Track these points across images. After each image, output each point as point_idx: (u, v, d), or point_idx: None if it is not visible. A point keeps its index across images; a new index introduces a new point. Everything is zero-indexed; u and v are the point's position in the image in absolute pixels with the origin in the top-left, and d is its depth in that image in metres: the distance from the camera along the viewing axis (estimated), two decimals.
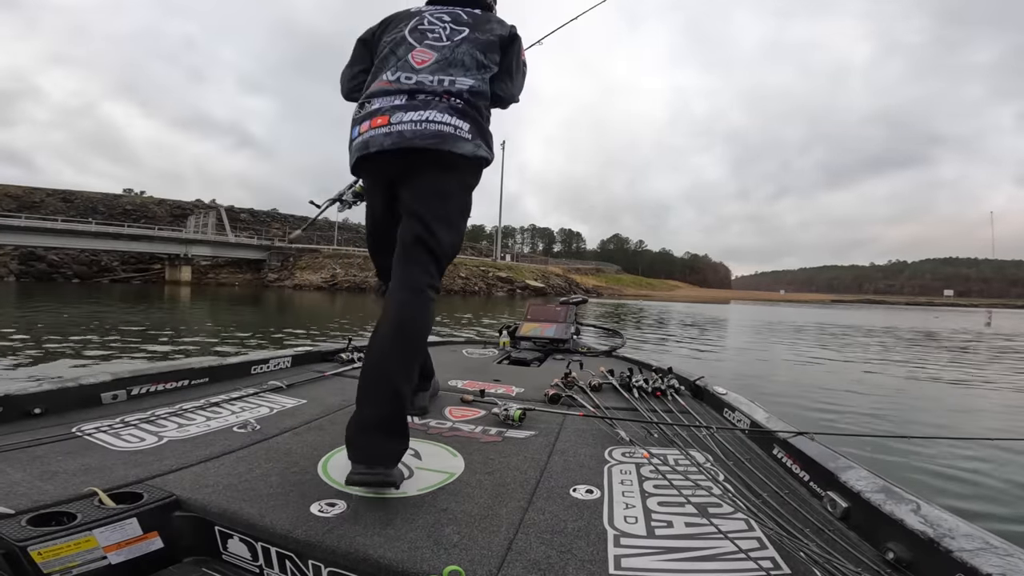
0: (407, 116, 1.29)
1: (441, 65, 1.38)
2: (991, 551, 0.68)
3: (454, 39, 1.45)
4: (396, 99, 1.33)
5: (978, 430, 3.59)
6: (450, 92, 1.34)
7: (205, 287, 34.49)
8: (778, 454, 1.27)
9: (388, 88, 1.35)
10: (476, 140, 1.34)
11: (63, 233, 33.63)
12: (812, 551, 0.78)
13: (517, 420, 1.50)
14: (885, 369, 6.57)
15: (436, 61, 1.39)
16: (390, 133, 1.28)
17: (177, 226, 43.57)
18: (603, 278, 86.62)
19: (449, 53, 1.41)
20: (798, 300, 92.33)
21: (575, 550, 0.82)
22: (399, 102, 1.32)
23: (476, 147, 1.34)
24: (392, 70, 1.40)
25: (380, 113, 1.32)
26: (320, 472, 1.10)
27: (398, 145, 1.27)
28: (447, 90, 1.34)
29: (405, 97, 1.33)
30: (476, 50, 1.44)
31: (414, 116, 1.29)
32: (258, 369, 2.07)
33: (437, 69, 1.37)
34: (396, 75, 1.38)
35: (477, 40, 1.46)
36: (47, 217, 35.81)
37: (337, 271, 41.68)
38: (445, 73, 1.37)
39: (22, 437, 1.18)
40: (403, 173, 1.33)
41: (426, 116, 1.29)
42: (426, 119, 1.29)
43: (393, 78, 1.37)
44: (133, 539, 0.83)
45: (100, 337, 6.53)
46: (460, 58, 1.41)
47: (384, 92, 1.35)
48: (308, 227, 2.80)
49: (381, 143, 1.28)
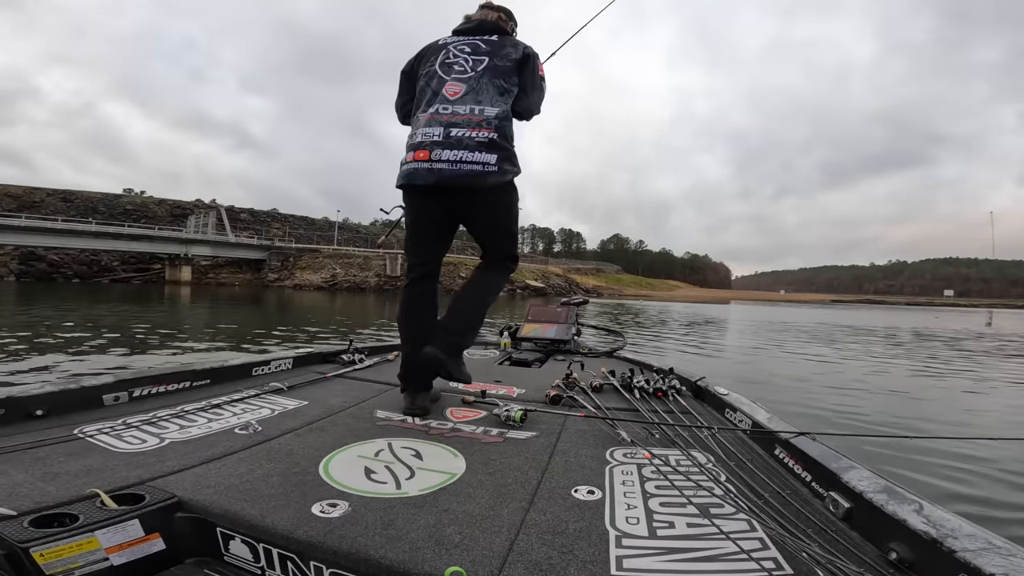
0: (444, 154, 1.57)
1: (471, 96, 1.65)
2: (994, 551, 0.68)
3: (477, 69, 1.69)
4: (435, 133, 1.60)
5: (980, 430, 3.58)
6: (480, 123, 1.61)
7: (205, 287, 34.51)
8: (780, 454, 1.26)
9: (429, 120, 1.63)
10: (503, 166, 1.61)
11: (63, 233, 33.65)
12: (814, 552, 0.78)
13: (518, 421, 1.50)
14: (886, 369, 6.56)
15: (466, 92, 1.65)
16: (432, 170, 1.58)
17: (177, 226, 43.61)
18: (603, 278, 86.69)
19: (475, 83, 1.67)
20: (798, 300, 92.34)
21: (577, 551, 0.82)
22: (438, 137, 1.59)
23: (502, 175, 1.61)
24: (431, 103, 1.67)
25: (423, 147, 1.60)
26: (321, 473, 1.10)
27: (439, 184, 1.58)
28: (478, 120, 1.61)
29: (442, 131, 1.60)
30: (498, 78, 1.69)
31: (450, 155, 1.57)
32: (259, 371, 2.07)
33: (468, 100, 1.64)
34: (435, 107, 1.65)
35: (497, 68, 1.70)
36: (47, 217, 35.84)
37: (337, 271, 41.72)
38: (475, 103, 1.64)
39: (24, 438, 1.18)
40: (450, 202, 1.67)
41: (460, 156, 1.57)
42: (460, 159, 1.57)
43: (432, 110, 1.65)
44: (135, 540, 0.83)
45: (100, 338, 6.53)
46: (485, 88, 1.66)
47: (426, 123, 1.63)
48: (389, 234, 2.93)
49: (425, 178, 1.59)
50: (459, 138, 1.58)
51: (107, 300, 15.44)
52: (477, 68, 1.69)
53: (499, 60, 1.71)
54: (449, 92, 1.66)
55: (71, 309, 11.13)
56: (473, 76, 1.68)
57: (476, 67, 1.69)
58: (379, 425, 1.47)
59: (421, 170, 1.60)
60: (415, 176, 1.61)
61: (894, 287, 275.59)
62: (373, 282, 40.40)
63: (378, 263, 42.70)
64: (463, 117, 1.61)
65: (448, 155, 1.57)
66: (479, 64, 1.70)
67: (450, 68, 1.71)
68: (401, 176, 1.67)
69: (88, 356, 5.06)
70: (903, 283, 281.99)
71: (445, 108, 1.63)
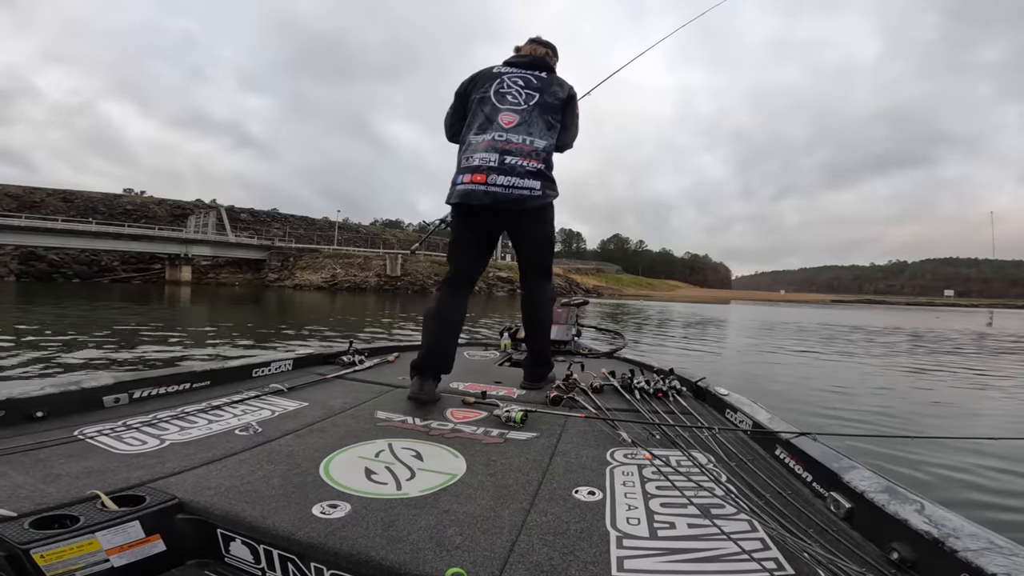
0: (499, 180, 1.78)
1: (523, 127, 1.86)
2: (996, 551, 0.68)
3: (529, 103, 1.90)
4: (492, 159, 1.80)
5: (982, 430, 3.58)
6: (531, 152, 1.84)
7: (205, 287, 34.52)
8: (781, 455, 1.26)
9: (487, 146, 1.83)
10: (545, 191, 1.86)
11: (63, 233, 33.66)
12: (816, 552, 0.77)
13: (519, 422, 1.49)
14: (887, 369, 6.56)
15: (519, 123, 1.86)
16: (487, 193, 1.78)
17: (177, 226, 43.61)
18: (603, 278, 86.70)
19: (527, 116, 1.87)
20: (798, 300, 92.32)
21: (578, 552, 0.82)
22: (493, 163, 1.80)
23: (545, 198, 1.87)
24: (486, 128, 1.87)
25: (479, 171, 1.80)
26: (322, 474, 1.09)
27: (492, 205, 1.80)
28: (529, 151, 1.84)
29: (497, 157, 1.80)
30: (546, 114, 1.91)
31: (504, 181, 1.78)
32: (259, 372, 2.06)
33: (520, 130, 1.85)
34: (491, 134, 1.84)
35: (546, 104, 1.92)
36: (47, 217, 35.87)
37: (337, 271, 41.72)
38: (526, 134, 1.85)
39: (24, 440, 1.18)
40: (500, 221, 1.93)
41: (512, 182, 1.79)
42: (512, 185, 1.79)
43: (488, 137, 1.84)
44: (135, 542, 0.83)
45: (100, 338, 6.54)
46: (535, 121, 1.88)
47: (484, 149, 1.82)
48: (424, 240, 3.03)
49: (481, 199, 1.80)
50: (512, 165, 1.80)
51: (107, 300, 15.45)
52: (529, 102, 1.90)
53: (548, 97, 1.93)
54: (504, 121, 1.86)
55: (71, 309, 11.14)
56: (525, 109, 1.88)
57: (528, 101, 1.90)
58: (379, 426, 1.47)
59: (478, 192, 1.79)
60: (472, 196, 1.81)
61: (894, 287, 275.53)
62: (373, 282, 40.42)
63: (378, 263, 42.73)
64: (516, 146, 1.82)
65: (502, 180, 1.79)
66: (531, 99, 1.90)
67: (504, 97, 1.90)
68: (456, 195, 1.85)
69: (87, 357, 5.07)
70: (903, 283, 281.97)
71: (500, 136, 1.83)
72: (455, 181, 1.88)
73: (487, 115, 1.89)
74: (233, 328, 8.71)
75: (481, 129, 1.87)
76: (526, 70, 1.98)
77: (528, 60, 2.01)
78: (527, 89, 1.92)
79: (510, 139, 1.83)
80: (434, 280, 41.03)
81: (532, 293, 2.07)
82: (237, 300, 19.47)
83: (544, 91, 1.93)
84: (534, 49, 2.04)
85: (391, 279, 40.80)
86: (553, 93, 1.94)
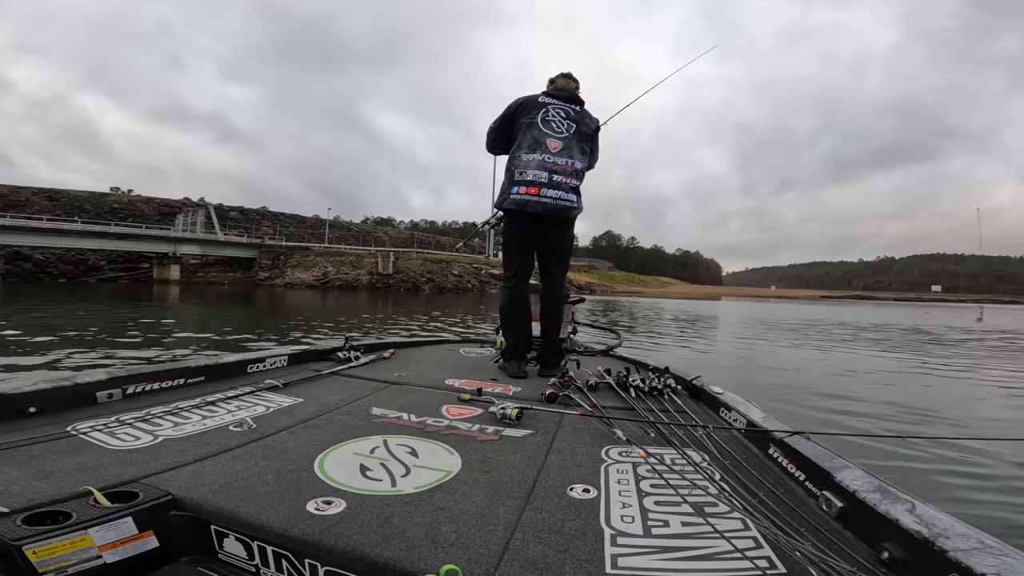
0: (549, 192, 2.26)
1: (565, 152, 2.31)
2: (986, 551, 0.68)
3: (569, 132, 2.34)
4: (542, 176, 2.25)
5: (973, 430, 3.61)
6: (571, 172, 2.31)
7: (194, 286, 34.14)
8: (774, 453, 1.27)
9: (539, 165, 2.26)
10: (579, 203, 2.37)
11: (49, 232, 33.18)
12: (808, 550, 0.78)
13: (514, 419, 1.49)
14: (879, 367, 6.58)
15: (562, 148, 2.31)
16: (539, 202, 2.25)
17: (165, 225, 43.11)
18: (595, 275, 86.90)
19: (568, 143, 2.33)
20: (788, 296, 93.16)
21: (572, 549, 0.82)
22: (544, 180, 2.25)
23: (579, 209, 2.39)
24: (536, 148, 2.29)
25: (533, 185, 2.25)
26: (316, 470, 1.09)
27: (544, 212, 2.27)
28: (570, 171, 2.31)
29: (547, 175, 2.26)
30: (582, 142, 2.37)
31: (552, 194, 2.26)
32: (254, 368, 2.05)
33: (563, 154, 2.31)
34: (542, 156, 2.27)
35: (582, 134, 2.37)
36: (33, 216, 35.32)
37: (329, 269, 41.44)
38: (568, 156, 2.31)
39: (17, 436, 1.17)
40: (544, 226, 2.35)
41: (559, 195, 2.27)
42: (559, 197, 2.27)
43: (540, 158, 2.27)
44: (128, 538, 0.83)
45: (87, 338, 6.44)
46: (574, 147, 2.34)
47: (536, 167, 2.26)
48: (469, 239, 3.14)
49: (535, 208, 2.25)
50: (558, 182, 2.27)
51: (94, 300, 15.24)
52: (569, 131, 2.34)
53: (583, 127, 2.38)
54: (551, 146, 2.29)
55: (57, 309, 10.97)
56: (567, 136, 2.33)
57: (569, 130, 2.34)
58: (375, 422, 1.46)
59: (532, 201, 2.25)
60: (527, 205, 2.25)
61: (882, 283, 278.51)
62: (365, 280, 40.17)
63: (370, 261, 42.49)
64: (561, 167, 2.28)
65: (551, 193, 2.26)
66: (571, 128, 2.35)
67: (549, 124, 2.33)
68: (513, 203, 2.28)
69: (75, 358, 4.99)
70: (891, 279, 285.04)
71: (549, 158, 2.27)
72: (510, 192, 2.29)
73: (536, 138, 2.29)
74: (224, 325, 8.63)
75: (531, 149, 2.29)
76: (565, 103, 2.40)
77: (566, 95, 2.43)
78: (568, 120, 2.35)
79: (556, 161, 2.28)
80: (427, 278, 40.95)
81: (553, 290, 2.51)
82: (227, 299, 19.28)
83: (580, 122, 2.37)
84: (568, 84, 2.46)
85: (383, 277, 40.59)
86: (587, 124, 2.40)
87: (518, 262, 2.44)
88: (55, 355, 5.00)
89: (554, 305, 2.51)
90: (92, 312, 10.63)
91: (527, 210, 2.25)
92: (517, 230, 2.39)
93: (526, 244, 2.42)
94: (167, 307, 14.17)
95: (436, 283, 40.49)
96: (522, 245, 2.42)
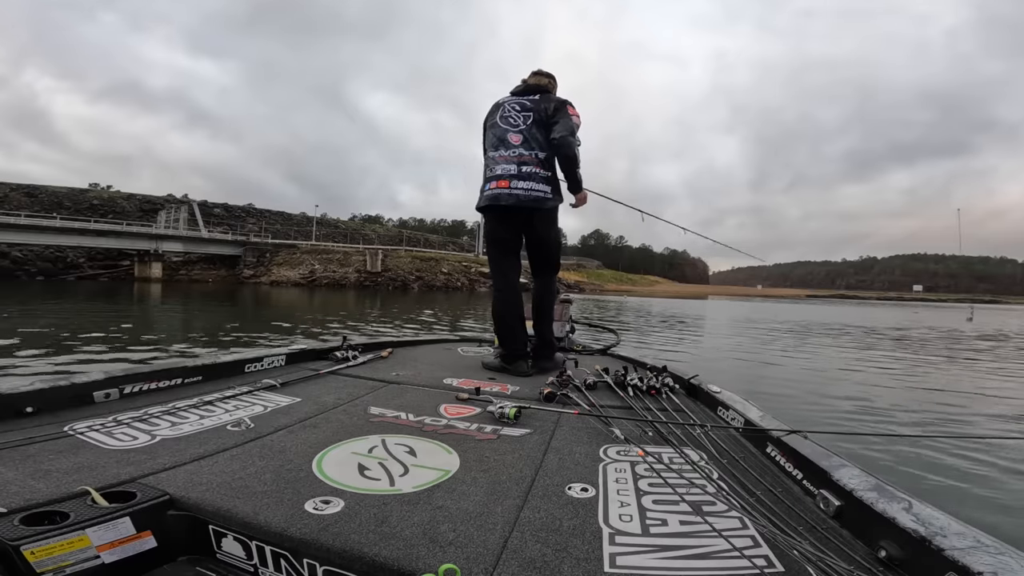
0: (520, 184, 2.25)
1: (527, 143, 2.30)
2: (983, 549, 0.69)
3: (527, 123, 2.32)
4: (511, 169, 2.27)
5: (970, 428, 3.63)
6: (538, 163, 2.28)
7: (177, 284, 33.59)
8: (772, 452, 1.28)
9: (507, 159, 2.29)
10: (554, 196, 2.32)
11: (27, 229, 32.40)
12: (805, 549, 0.78)
13: (512, 418, 1.50)
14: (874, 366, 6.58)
15: (524, 140, 2.30)
16: (512, 194, 2.25)
17: (147, 221, 42.24)
18: (584, 273, 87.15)
19: (528, 133, 2.30)
20: (775, 295, 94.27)
21: (570, 548, 0.82)
22: (513, 171, 2.26)
23: (554, 201, 2.33)
24: (500, 145, 2.32)
25: (503, 178, 2.27)
26: (315, 470, 1.08)
27: (515, 205, 2.26)
28: (536, 160, 2.28)
29: (515, 167, 2.26)
30: (543, 128, 2.30)
31: (524, 185, 2.25)
32: (252, 367, 2.04)
33: (526, 145, 2.29)
34: (507, 151, 2.30)
35: (540, 120, 2.31)
36: (10, 212, 34.38)
37: (316, 267, 41.02)
38: (530, 148, 2.29)
39: (14, 436, 1.16)
40: (521, 221, 2.35)
41: (529, 186, 2.25)
42: (530, 188, 2.25)
43: (506, 153, 2.30)
44: (126, 538, 0.82)
45: (65, 340, 6.30)
46: (535, 136, 2.30)
47: (504, 161, 2.29)
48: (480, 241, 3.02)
49: (507, 200, 2.26)
50: (528, 173, 2.26)
51: (73, 298, 14.91)
52: (527, 122, 2.32)
53: (540, 114, 2.32)
54: (513, 140, 2.30)
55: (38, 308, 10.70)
56: (525, 128, 2.31)
57: (526, 120, 2.32)
58: (373, 422, 1.46)
59: (503, 194, 2.25)
60: (499, 198, 2.26)
61: (864, 282, 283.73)
62: (353, 278, 39.85)
63: (358, 259, 42.16)
64: (527, 158, 2.27)
65: (522, 185, 2.25)
66: (528, 119, 2.32)
67: (507, 120, 2.35)
68: (486, 199, 2.29)
69: (61, 360, 4.88)
70: (873, 278, 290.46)
71: (514, 152, 2.29)
72: (484, 189, 2.32)
73: (498, 136, 2.34)
74: (206, 325, 8.50)
75: (495, 147, 2.33)
76: (522, 96, 2.40)
77: (523, 88, 2.43)
78: (523, 112, 2.34)
79: (521, 153, 2.28)
80: (416, 276, 40.74)
81: (542, 286, 2.52)
82: (211, 297, 18.98)
83: (536, 110, 2.33)
84: (538, 80, 2.44)
85: (371, 275, 40.31)
86: (544, 110, 2.32)
87: (502, 261, 2.43)
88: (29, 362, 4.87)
89: (543, 301, 2.51)
90: (68, 313, 10.38)
91: (500, 203, 2.26)
92: (495, 227, 2.38)
93: (507, 242, 2.40)
94: (150, 308, 13.91)
95: (425, 281, 40.29)
96: (502, 243, 2.40)
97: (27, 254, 37.59)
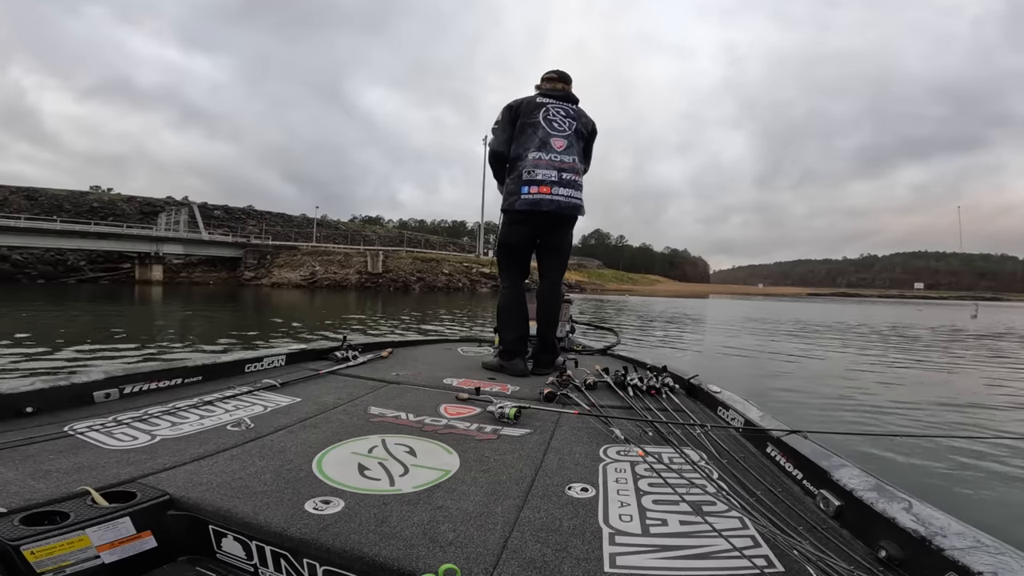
0: (560, 191, 2.27)
1: (568, 150, 2.33)
2: (983, 549, 0.68)
3: (570, 130, 2.36)
4: (552, 175, 2.27)
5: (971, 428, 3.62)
6: (576, 170, 2.34)
7: (178, 286, 33.60)
8: (772, 452, 1.28)
9: (548, 164, 2.27)
10: (583, 203, 2.39)
11: (27, 232, 32.43)
12: (805, 549, 0.78)
13: (512, 418, 1.50)
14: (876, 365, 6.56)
15: (567, 146, 2.33)
16: (552, 201, 2.27)
17: (147, 224, 42.27)
18: (585, 273, 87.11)
19: (571, 141, 2.35)
20: (776, 293, 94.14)
21: (570, 548, 0.82)
22: (554, 178, 2.27)
23: (584, 208, 2.39)
24: (543, 148, 2.29)
25: (544, 183, 2.26)
26: (315, 470, 1.09)
27: (555, 211, 2.29)
28: (575, 168, 2.33)
29: (556, 173, 2.27)
30: (580, 140, 2.41)
31: (564, 192, 2.28)
32: (252, 367, 2.05)
33: (567, 152, 2.32)
34: (549, 155, 2.28)
35: (580, 132, 2.40)
36: (10, 215, 34.41)
37: (316, 268, 41.01)
38: (571, 155, 2.33)
39: (14, 436, 1.16)
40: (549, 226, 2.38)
41: (569, 193, 2.30)
42: (570, 195, 2.30)
43: (548, 157, 2.28)
44: (126, 538, 0.82)
45: (65, 341, 6.31)
46: (574, 145, 2.37)
47: (545, 167, 2.27)
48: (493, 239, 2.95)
49: (548, 207, 2.26)
50: (567, 181, 2.29)
51: (74, 302, 14.92)
52: (571, 129, 2.36)
53: (581, 127, 2.41)
54: (556, 145, 2.30)
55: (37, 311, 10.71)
56: (570, 135, 2.35)
57: (569, 128, 2.36)
58: (373, 422, 1.46)
59: (545, 200, 2.26)
60: (540, 204, 2.26)
61: (866, 280, 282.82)
62: (354, 279, 39.82)
63: (359, 260, 42.15)
64: (568, 165, 2.31)
65: (563, 192, 2.28)
66: (571, 126, 2.37)
67: (551, 123, 2.33)
68: (525, 203, 2.27)
69: (58, 361, 4.88)
70: (874, 276, 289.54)
71: (556, 157, 2.29)
72: (520, 192, 2.28)
73: (541, 138, 2.29)
74: (206, 328, 8.50)
75: (537, 149, 2.28)
76: (562, 102, 2.41)
77: (562, 94, 2.44)
78: (568, 118, 2.38)
79: (563, 159, 2.30)
80: (417, 276, 40.71)
81: (552, 289, 2.52)
82: (212, 299, 18.99)
83: (578, 121, 2.40)
84: (564, 86, 2.46)
85: (372, 276, 40.28)
86: (585, 124, 2.42)
87: (518, 264, 2.46)
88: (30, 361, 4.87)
89: (552, 305, 2.51)
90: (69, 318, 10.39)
91: (540, 209, 2.26)
92: (524, 232, 2.39)
93: (528, 246, 2.44)
94: (151, 310, 13.91)
95: (426, 282, 40.25)
96: (524, 246, 2.43)
97: (28, 257, 37.66)
